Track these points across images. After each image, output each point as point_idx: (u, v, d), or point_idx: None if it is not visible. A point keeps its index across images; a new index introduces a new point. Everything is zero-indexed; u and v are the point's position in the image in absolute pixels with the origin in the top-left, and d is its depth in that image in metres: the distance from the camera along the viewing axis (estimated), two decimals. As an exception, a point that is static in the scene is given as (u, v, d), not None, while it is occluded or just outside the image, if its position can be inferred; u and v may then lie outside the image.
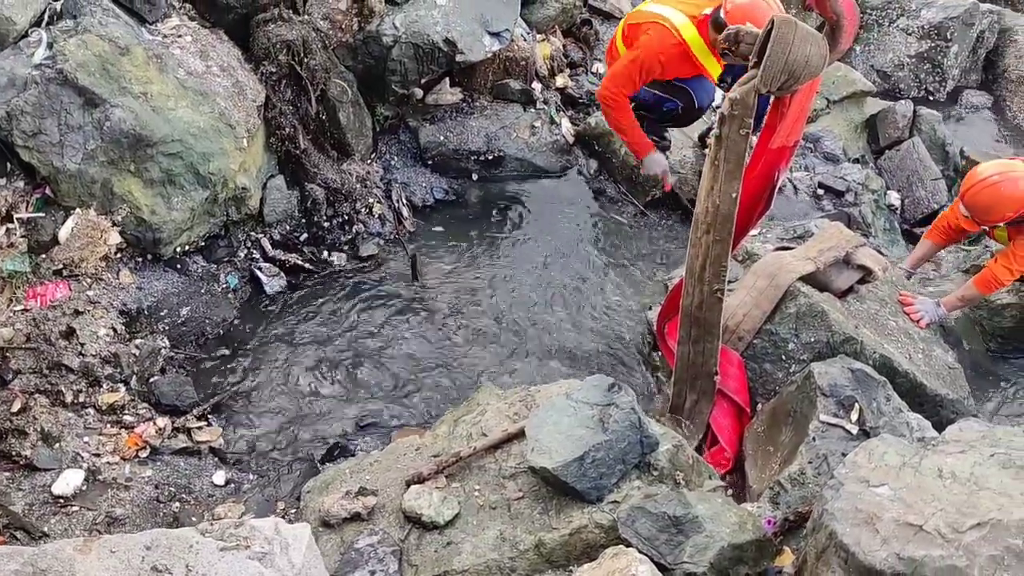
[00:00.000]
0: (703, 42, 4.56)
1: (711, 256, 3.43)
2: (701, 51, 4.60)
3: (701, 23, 4.54)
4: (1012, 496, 2.51)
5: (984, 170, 4.17)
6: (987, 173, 4.12)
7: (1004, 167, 4.14)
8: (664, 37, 4.56)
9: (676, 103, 4.83)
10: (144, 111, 4.03)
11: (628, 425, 2.98)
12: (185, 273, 4.33)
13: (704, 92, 4.82)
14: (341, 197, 4.81)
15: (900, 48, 6.68)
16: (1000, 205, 4.05)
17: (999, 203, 4.05)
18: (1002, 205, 4.05)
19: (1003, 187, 4.04)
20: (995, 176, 4.08)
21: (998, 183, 4.05)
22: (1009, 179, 4.04)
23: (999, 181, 4.05)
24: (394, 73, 4.90)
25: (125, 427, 3.75)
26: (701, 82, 4.76)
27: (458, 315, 4.50)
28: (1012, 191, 4.02)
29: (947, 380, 4.07)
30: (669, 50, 4.56)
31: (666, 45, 4.56)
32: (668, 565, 2.83)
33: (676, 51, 4.56)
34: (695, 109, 4.86)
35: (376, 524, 3.11)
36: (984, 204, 4.09)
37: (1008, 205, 4.04)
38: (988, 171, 4.13)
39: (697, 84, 4.77)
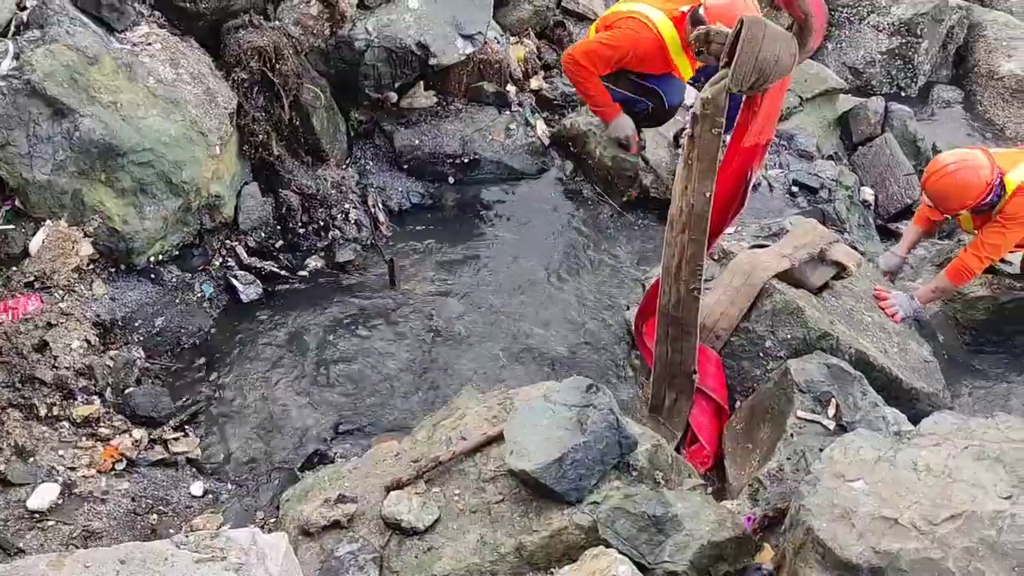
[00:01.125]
0: (679, 40, 4.59)
1: (687, 255, 3.44)
2: (676, 49, 4.64)
3: (679, 20, 4.57)
4: (985, 488, 2.54)
5: (943, 159, 4.22)
6: (946, 162, 4.17)
7: (963, 156, 4.19)
8: (642, 30, 4.59)
9: (646, 103, 4.85)
10: (114, 120, 4.00)
11: (606, 426, 2.98)
12: (159, 283, 4.29)
13: (674, 92, 4.84)
14: (316, 203, 4.79)
15: (871, 45, 6.74)
16: (959, 194, 4.10)
17: (958, 192, 4.10)
18: (961, 194, 4.09)
19: (960, 175, 4.09)
20: (953, 165, 4.13)
21: (955, 171, 4.10)
22: (967, 167, 4.09)
23: (957, 170, 4.10)
24: (367, 78, 4.89)
25: (101, 440, 3.72)
26: (671, 81, 4.79)
27: (436, 319, 4.49)
28: (970, 179, 4.07)
29: (923, 374, 4.10)
30: (646, 43, 4.59)
31: (644, 38, 4.59)
32: (648, 565, 2.83)
33: (652, 46, 4.59)
34: (665, 109, 4.88)
35: (356, 531, 3.09)
36: (943, 192, 4.14)
37: (967, 194, 4.09)
38: (947, 160, 4.19)
39: (666, 84, 4.79)
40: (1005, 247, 4.20)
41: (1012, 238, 4.17)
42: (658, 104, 4.84)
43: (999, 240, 4.17)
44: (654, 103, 4.83)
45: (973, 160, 4.13)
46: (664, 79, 4.76)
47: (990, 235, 4.18)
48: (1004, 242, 4.17)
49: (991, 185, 4.09)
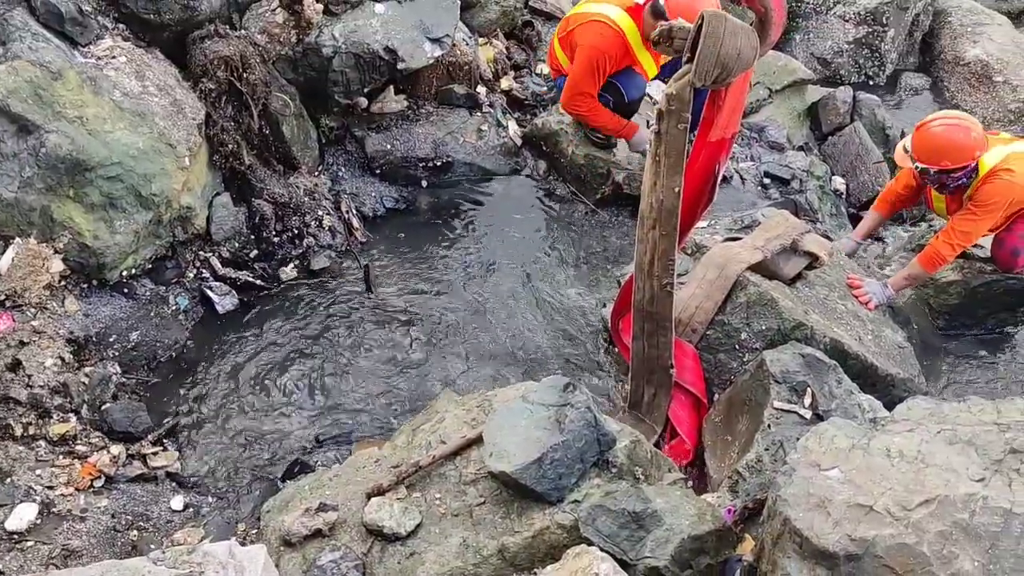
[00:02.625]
0: (638, 31, 4.63)
1: (658, 251, 3.46)
2: (636, 42, 4.68)
3: (635, 12, 4.61)
4: (958, 471, 2.56)
5: (943, 114, 4.26)
6: (944, 115, 4.22)
7: (961, 116, 4.23)
8: (603, 31, 4.64)
9: (607, 98, 4.89)
10: (80, 135, 3.96)
11: (584, 424, 3.00)
12: (133, 297, 4.26)
13: (633, 86, 4.87)
14: (290, 211, 4.77)
15: (838, 35, 6.79)
16: (945, 149, 4.10)
17: (945, 147, 4.10)
18: (947, 150, 4.09)
19: (954, 132, 4.10)
20: (950, 120, 4.15)
21: (950, 126, 4.12)
22: (963, 128, 4.12)
23: (951, 125, 4.12)
24: (336, 84, 4.87)
25: (78, 457, 3.68)
26: (630, 76, 4.82)
27: (414, 323, 4.48)
28: (962, 138, 4.08)
29: (897, 359, 4.14)
30: (611, 42, 4.64)
31: (607, 38, 4.63)
32: (630, 561, 2.85)
33: (616, 42, 4.64)
34: (625, 103, 4.91)
35: (338, 539, 3.09)
36: (931, 143, 4.12)
37: (952, 152, 4.09)
38: (946, 114, 4.23)
39: (625, 78, 4.82)
40: (976, 234, 4.24)
41: (983, 225, 4.21)
42: (618, 99, 4.87)
43: (970, 227, 4.20)
44: (614, 97, 4.87)
45: (967, 123, 4.15)
46: (623, 74, 4.80)
47: (961, 222, 4.22)
48: (975, 229, 4.21)
49: (974, 159, 4.12)
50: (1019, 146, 4.32)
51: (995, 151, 4.22)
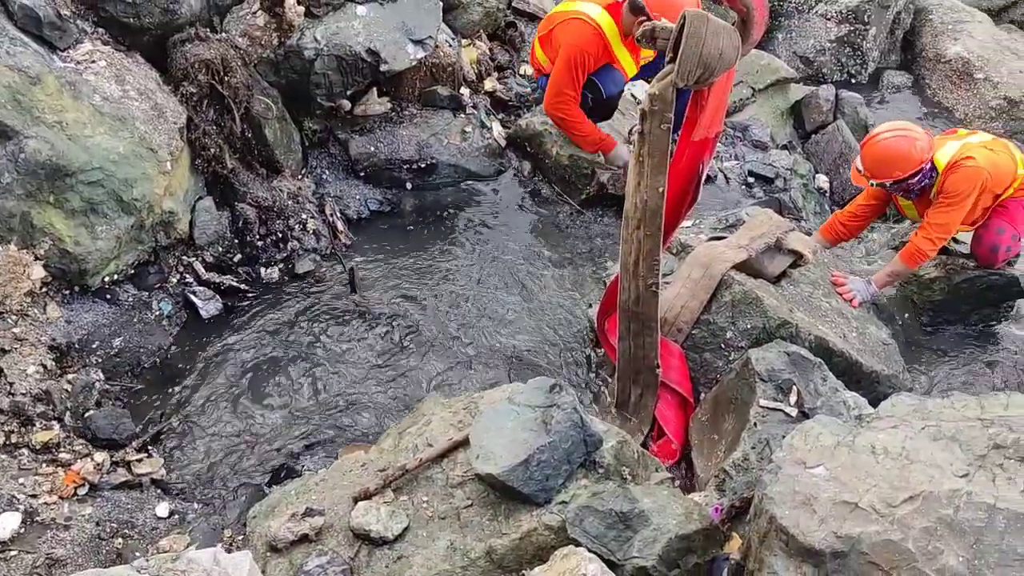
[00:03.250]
0: (617, 29, 4.64)
1: (643, 251, 3.46)
2: (615, 39, 4.70)
3: (614, 9, 4.62)
4: (942, 467, 2.57)
5: (884, 127, 4.31)
6: (885, 129, 4.26)
7: (902, 127, 4.27)
8: (583, 29, 4.65)
9: (585, 94, 4.89)
10: (60, 141, 3.92)
11: (570, 425, 2.99)
12: (115, 303, 4.23)
13: (611, 82, 4.87)
14: (273, 215, 4.75)
15: (821, 33, 6.82)
16: (891, 160, 4.16)
17: (891, 158, 4.16)
18: (893, 160, 4.15)
19: (895, 143, 4.16)
20: (890, 133, 4.21)
21: (892, 139, 4.18)
22: (904, 137, 4.16)
23: (894, 137, 4.18)
24: (319, 86, 4.85)
25: (61, 465, 3.64)
26: (608, 72, 4.83)
27: (399, 326, 4.47)
28: (906, 148, 4.14)
29: (882, 356, 4.16)
30: (591, 40, 4.65)
31: (587, 37, 4.64)
32: (618, 561, 2.85)
33: (596, 40, 4.65)
34: (604, 99, 4.91)
35: (325, 544, 3.08)
36: (878, 157, 4.19)
37: (899, 163, 4.15)
38: (887, 128, 4.27)
39: (604, 75, 4.83)
40: (952, 224, 4.27)
41: (957, 215, 4.24)
42: (596, 95, 4.87)
43: (945, 219, 4.23)
44: (593, 95, 4.87)
45: (911, 132, 4.21)
46: (602, 70, 4.80)
47: (936, 215, 4.25)
48: (951, 220, 4.24)
49: (924, 163, 4.16)
50: (974, 139, 4.38)
51: (948, 147, 4.28)
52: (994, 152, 4.26)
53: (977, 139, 4.37)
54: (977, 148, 4.24)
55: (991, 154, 4.24)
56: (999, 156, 4.27)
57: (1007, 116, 6.49)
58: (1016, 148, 4.47)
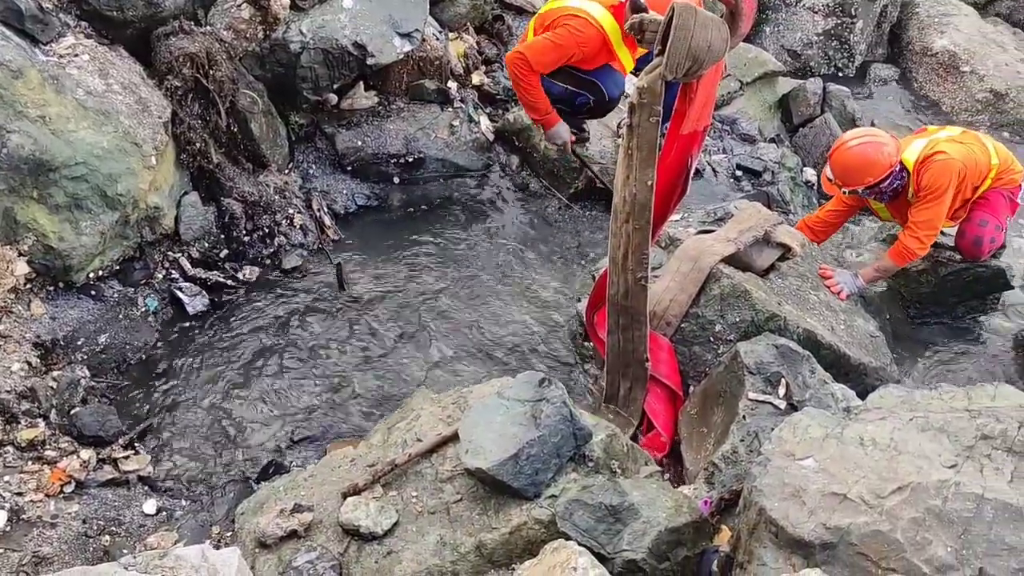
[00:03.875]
0: (619, 30, 4.61)
1: (632, 244, 3.46)
2: (617, 41, 4.66)
3: (617, 10, 4.58)
4: (930, 458, 2.58)
5: (850, 135, 4.31)
6: (851, 136, 4.27)
7: (868, 132, 4.29)
8: (586, 28, 4.58)
9: (587, 97, 4.85)
10: (43, 135, 3.88)
11: (560, 419, 2.99)
12: (100, 299, 4.19)
13: (613, 83, 4.85)
14: (260, 210, 4.72)
15: (808, 27, 6.83)
16: (862, 168, 4.16)
17: (860, 165, 4.16)
18: (862, 168, 4.16)
19: (863, 149, 4.16)
20: (856, 140, 4.21)
21: (859, 145, 4.18)
22: (871, 144, 4.17)
23: (860, 144, 4.18)
24: (305, 80, 4.82)
25: (47, 463, 3.61)
26: (610, 73, 4.80)
27: (388, 321, 4.45)
28: (874, 154, 4.14)
29: (870, 349, 4.17)
30: (590, 40, 4.59)
31: (588, 36, 4.59)
32: (607, 555, 2.84)
33: (597, 41, 4.60)
34: (606, 101, 4.89)
35: (314, 540, 3.06)
36: (847, 165, 4.20)
37: (869, 169, 4.16)
38: (853, 135, 4.28)
39: (606, 76, 4.80)
40: (938, 220, 4.27)
41: (940, 210, 4.24)
42: (599, 96, 4.84)
43: (929, 215, 4.24)
44: (595, 96, 4.84)
45: (877, 138, 4.21)
46: (603, 71, 4.77)
47: (919, 213, 4.26)
48: (934, 216, 4.24)
49: (893, 166, 4.17)
50: (942, 134, 4.39)
51: (915, 145, 4.29)
52: (964, 144, 4.28)
53: (945, 134, 4.38)
54: (945, 143, 4.25)
55: (962, 147, 4.26)
56: (970, 148, 4.29)
57: (993, 109, 6.52)
58: (988, 138, 4.49)
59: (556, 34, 4.63)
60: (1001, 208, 4.46)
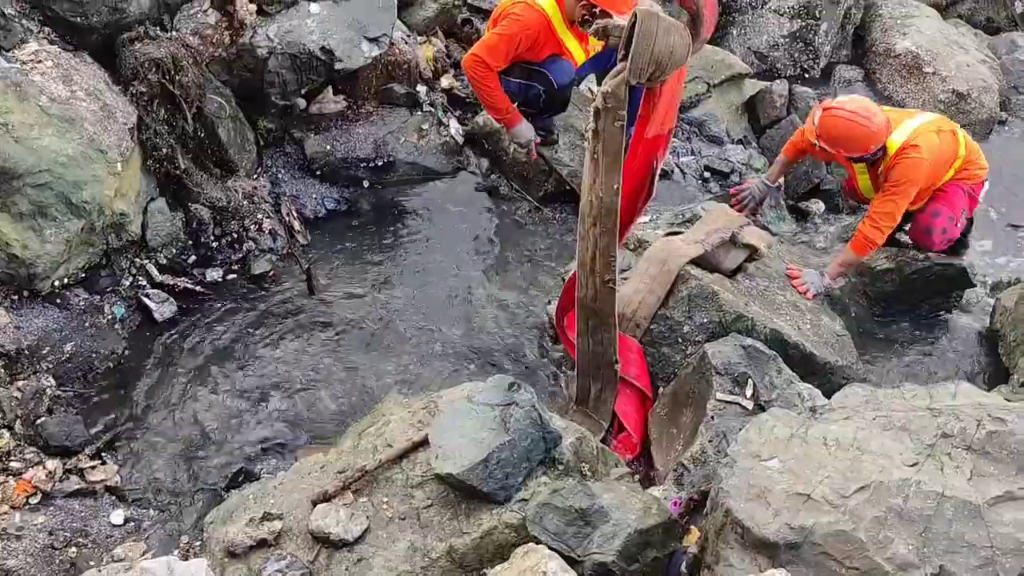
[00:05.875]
0: (561, 15, 4.66)
1: (599, 248, 3.48)
2: (560, 26, 4.72)
3: None
4: (892, 457, 2.63)
5: (842, 101, 4.33)
6: (846, 104, 4.27)
7: (862, 107, 4.28)
8: (527, 12, 4.64)
9: (538, 88, 4.87)
10: (6, 143, 3.84)
11: (529, 423, 3.00)
12: (66, 307, 4.15)
13: (560, 72, 4.85)
14: (228, 215, 4.69)
15: (773, 29, 6.87)
16: (851, 140, 4.21)
17: (850, 138, 4.21)
18: (853, 140, 4.21)
19: (855, 126, 4.19)
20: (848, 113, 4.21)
21: (850, 119, 4.20)
22: (860, 124, 4.19)
23: (852, 118, 4.20)
24: (273, 85, 4.80)
25: (12, 474, 3.57)
26: (556, 62, 4.82)
27: (358, 326, 4.45)
28: (859, 132, 4.18)
29: (836, 347, 4.23)
30: (535, 24, 4.66)
31: (530, 18, 4.64)
32: (578, 557, 2.86)
33: (539, 24, 4.66)
34: (555, 90, 4.89)
35: (284, 548, 3.04)
36: (837, 135, 4.24)
37: (857, 144, 4.21)
38: (847, 104, 4.28)
39: (552, 64, 4.82)
40: (898, 212, 4.35)
41: (902, 203, 4.33)
42: (547, 85, 4.85)
43: (890, 207, 4.32)
44: (543, 85, 4.85)
45: (869, 113, 4.23)
46: (549, 60, 4.80)
47: (882, 204, 4.33)
48: (896, 208, 4.32)
49: (880, 144, 4.24)
50: (925, 117, 4.46)
51: (903, 127, 4.34)
52: (939, 137, 4.36)
53: (929, 119, 4.45)
54: (926, 133, 4.32)
55: (935, 141, 4.33)
56: (943, 143, 4.37)
57: (955, 109, 6.59)
58: (962, 131, 4.56)
59: (501, 26, 4.71)
60: (957, 201, 4.55)
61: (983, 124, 6.73)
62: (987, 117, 6.78)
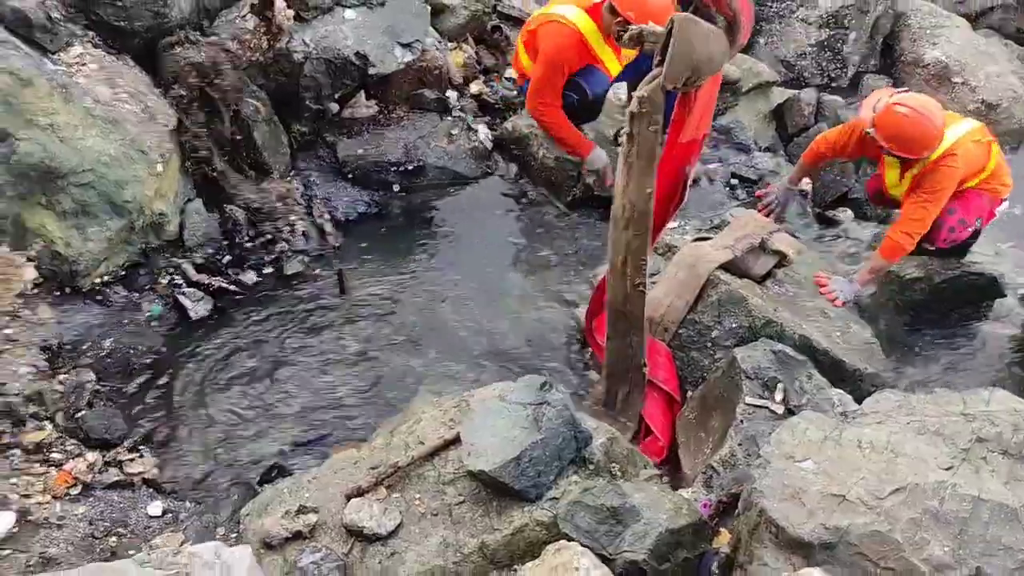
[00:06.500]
0: (596, 29, 4.70)
1: (631, 251, 3.51)
2: (596, 40, 4.75)
3: (593, 11, 4.68)
4: (927, 461, 2.65)
5: (908, 99, 4.27)
6: (911, 102, 4.24)
7: (926, 106, 4.25)
8: (560, 32, 4.69)
9: (572, 97, 4.93)
10: (52, 143, 3.94)
11: (562, 422, 3.03)
12: (106, 304, 4.24)
13: (596, 82, 4.91)
14: (262, 217, 4.77)
15: (801, 38, 6.89)
16: (915, 141, 4.19)
17: (915, 139, 4.18)
18: (917, 141, 4.19)
19: (923, 126, 4.17)
20: (915, 113, 4.18)
21: (917, 119, 4.17)
22: (930, 120, 4.19)
23: (919, 118, 4.17)
24: (307, 89, 4.89)
25: (54, 465, 3.65)
26: (591, 72, 4.87)
27: (389, 326, 4.50)
28: (923, 135, 4.18)
29: (865, 355, 4.23)
30: (568, 43, 4.70)
31: (564, 39, 4.69)
32: (609, 555, 2.88)
33: (574, 42, 4.70)
34: (589, 99, 4.95)
35: (319, 541, 3.09)
36: (902, 135, 4.19)
37: (919, 143, 4.18)
38: (913, 102, 4.25)
39: (588, 75, 4.87)
40: (929, 219, 4.36)
41: (934, 210, 4.34)
42: (582, 96, 4.91)
43: (922, 214, 4.33)
44: (578, 95, 4.91)
45: (933, 118, 4.21)
46: (585, 71, 4.85)
47: (914, 210, 4.34)
48: (927, 215, 4.34)
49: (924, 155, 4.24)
50: (969, 124, 4.47)
51: (952, 132, 4.33)
52: (975, 147, 4.37)
53: (971, 128, 4.45)
54: (965, 143, 4.33)
55: (971, 150, 4.34)
56: (977, 152, 4.38)
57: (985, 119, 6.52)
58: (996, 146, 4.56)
59: (538, 65, 4.80)
60: (973, 206, 4.54)
61: (1013, 135, 6.72)
62: (1017, 127, 6.77)
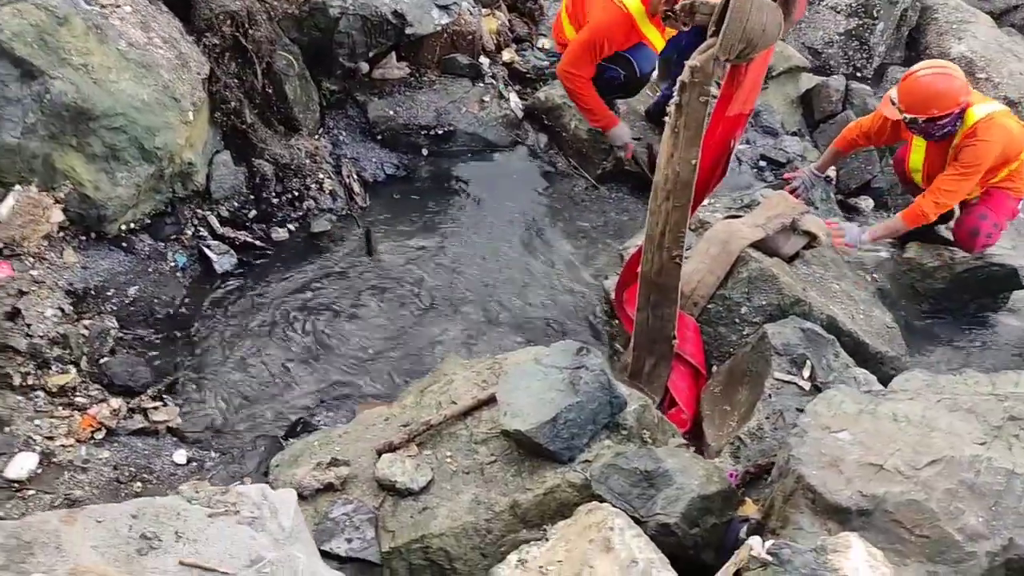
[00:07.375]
0: (644, 9, 4.69)
1: (670, 222, 3.51)
2: (642, 19, 4.73)
3: None
4: (961, 436, 2.68)
5: (924, 64, 4.40)
6: (926, 65, 4.36)
7: (943, 65, 4.37)
8: (610, 11, 4.66)
9: (618, 72, 4.93)
10: (85, 84, 3.89)
11: (598, 386, 3.06)
12: (131, 251, 4.21)
13: (645, 60, 4.92)
14: (290, 173, 4.73)
15: (829, 26, 6.89)
16: (932, 98, 4.23)
17: (931, 96, 4.23)
18: (934, 98, 4.23)
19: (936, 80, 4.24)
20: (930, 71, 4.29)
21: (932, 76, 4.26)
22: (945, 76, 4.26)
23: (933, 75, 4.27)
24: (341, 46, 4.84)
25: (77, 409, 3.64)
26: (641, 50, 4.87)
27: (414, 289, 4.50)
28: (946, 86, 4.23)
29: (886, 339, 4.26)
30: (616, 24, 4.67)
31: (613, 19, 4.67)
32: (641, 518, 2.91)
33: (622, 22, 4.68)
34: (636, 77, 4.95)
35: (350, 493, 3.12)
36: (918, 93, 4.26)
37: (937, 100, 4.22)
38: (928, 64, 4.37)
39: (638, 52, 4.87)
40: (961, 193, 4.41)
41: (967, 185, 4.37)
42: (630, 72, 4.91)
43: (956, 187, 4.36)
44: (626, 71, 4.90)
45: (951, 71, 4.30)
46: (635, 48, 4.84)
47: (948, 181, 4.37)
48: (960, 189, 4.37)
49: (960, 105, 4.25)
50: (997, 106, 4.48)
51: (980, 105, 4.37)
52: (1017, 127, 4.40)
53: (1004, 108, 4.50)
54: (1005, 117, 4.36)
55: (1012, 129, 4.36)
56: (1020, 133, 4.39)
57: (1006, 116, 6.61)
58: None
59: (586, 34, 4.77)
60: (1003, 208, 4.60)
61: (1034, 132, 6.72)
62: (1038, 125, 6.78)
